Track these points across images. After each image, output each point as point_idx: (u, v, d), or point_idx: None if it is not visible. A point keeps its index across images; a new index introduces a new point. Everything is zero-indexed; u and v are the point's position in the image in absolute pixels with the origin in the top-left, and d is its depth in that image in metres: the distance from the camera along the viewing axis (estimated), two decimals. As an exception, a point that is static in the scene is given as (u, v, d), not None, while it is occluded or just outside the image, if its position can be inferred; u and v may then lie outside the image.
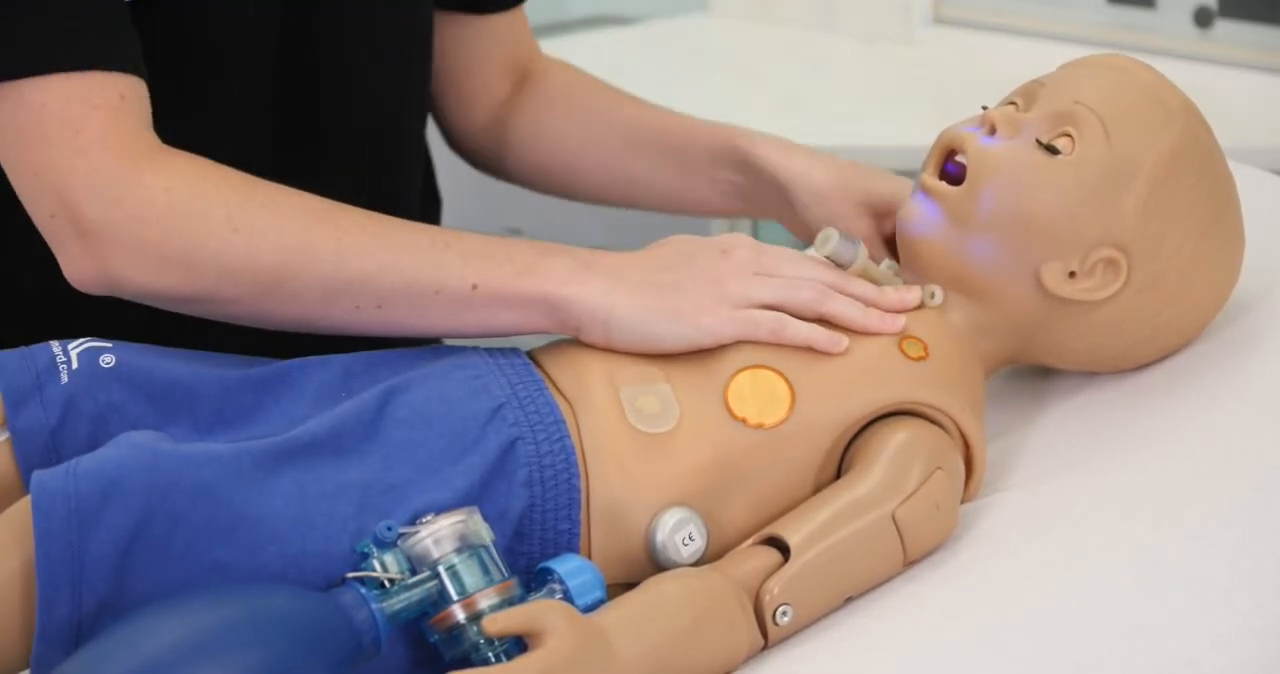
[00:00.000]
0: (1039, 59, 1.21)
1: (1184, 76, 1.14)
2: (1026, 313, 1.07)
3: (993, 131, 1.06)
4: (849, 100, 2.28)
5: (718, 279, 1.03)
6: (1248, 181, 1.16)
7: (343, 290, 1.02)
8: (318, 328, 1.05)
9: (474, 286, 1.02)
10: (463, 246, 1.03)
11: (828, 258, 1.07)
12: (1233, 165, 1.13)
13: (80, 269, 1.04)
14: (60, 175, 1.03)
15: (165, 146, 1.06)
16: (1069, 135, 1.06)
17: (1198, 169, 1.08)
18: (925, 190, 1.07)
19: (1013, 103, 1.10)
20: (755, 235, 2.17)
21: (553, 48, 2.08)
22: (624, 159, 1.33)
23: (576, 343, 1.04)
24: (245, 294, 1.03)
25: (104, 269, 1.03)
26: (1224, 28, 2.25)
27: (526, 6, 1.41)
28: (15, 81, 1.03)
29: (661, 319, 1.01)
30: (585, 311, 1.01)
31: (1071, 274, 1.06)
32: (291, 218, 1.03)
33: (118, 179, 1.02)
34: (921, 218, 1.07)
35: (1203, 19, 2.27)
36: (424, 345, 1.09)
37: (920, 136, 1.11)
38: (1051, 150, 1.05)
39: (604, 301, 1.01)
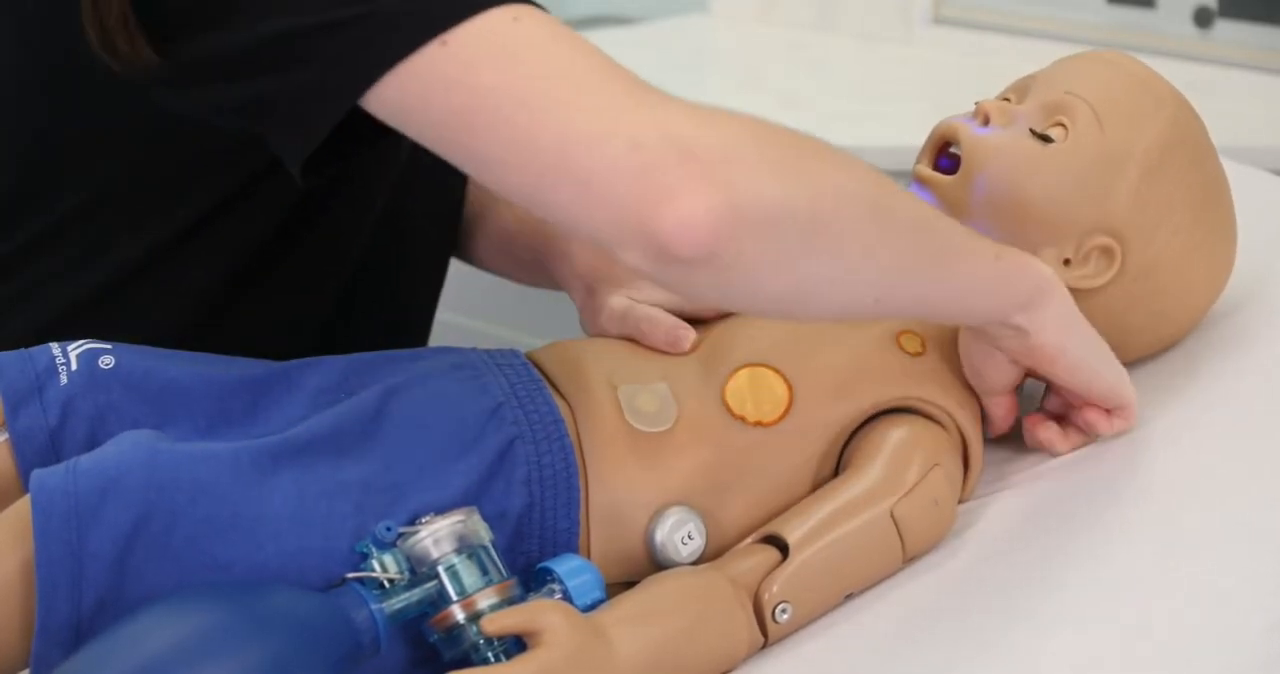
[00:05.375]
0: (1039, 59, 1.21)
1: (1184, 76, 1.14)
2: (1022, 304, 1.08)
3: (986, 122, 1.07)
4: (849, 100, 2.28)
5: None
6: (1248, 181, 1.17)
7: (919, 229, 0.93)
8: (861, 304, 0.93)
9: (997, 256, 0.98)
10: (998, 252, 0.99)
11: None
12: (1233, 165, 1.13)
13: (697, 200, 0.83)
14: (636, 99, 0.86)
15: None
16: (1062, 124, 1.07)
17: (1189, 158, 1.09)
18: (920, 180, 1.08)
19: (1006, 98, 1.11)
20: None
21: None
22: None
23: (575, 343, 1.04)
24: (859, 217, 0.89)
25: (729, 187, 0.83)
26: (1224, 28, 2.25)
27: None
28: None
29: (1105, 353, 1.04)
30: (1058, 311, 1.01)
31: (1066, 261, 1.06)
32: (868, 168, 0.93)
33: (694, 106, 0.87)
34: None
35: (1203, 19, 2.26)
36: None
37: (920, 137, 1.11)
38: (1045, 139, 1.06)
39: (1073, 310, 1.02)
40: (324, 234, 1.15)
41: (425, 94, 0.87)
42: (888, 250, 0.91)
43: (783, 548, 0.96)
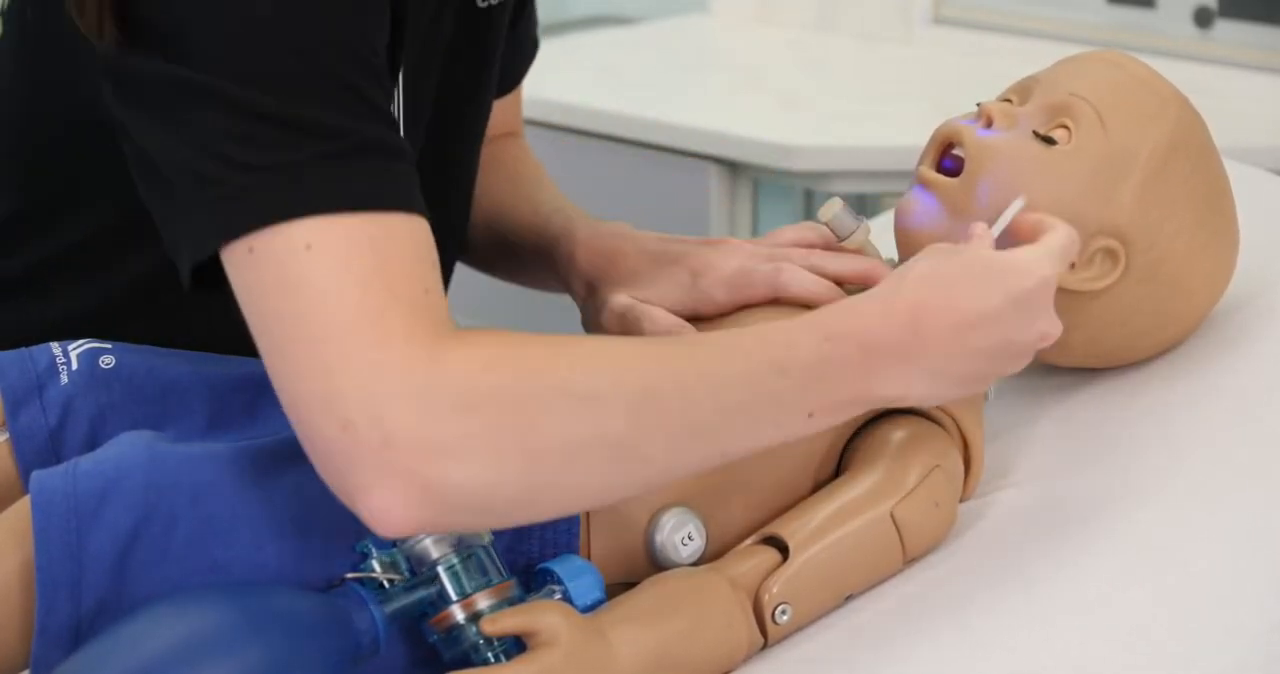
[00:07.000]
0: (1039, 59, 1.21)
1: (1184, 76, 1.14)
2: (1025, 305, 1.07)
3: (989, 124, 1.07)
4: (849, 100, 2.28)
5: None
6: (1248, 182, 1.16)
7: (691, 444, 0.90)
8: (645, 489, 0.92)
9: (810, 415, 0.92)
10: (799, 369, 0.91)
11: (826, 225, 1.08)
12: (1233, 165, 1.13)
13: (395, 495, 0.82)
14: (371, 365, 0.83)
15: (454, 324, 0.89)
16: (1065, 126, 1.06)
17: (1192, 159, 1.08)
18: (923, 182, 1.07)
19: (1007, 99, 1.10)
20: (754, 233, 2.17)
21: (553, 48, 2.08)
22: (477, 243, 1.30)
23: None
24: (594, 465, 0.86)
25: (425, 482, 0.82)
26: (1224, 28, 2.25)
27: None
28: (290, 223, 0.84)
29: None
30: (893, 354, 0.93)
31: (1070, 264, 1.06)
32: (629, 373, 0.88)
33: (428, 365, 0.84)
34: (919, 210, 1.07)
35: (1203, 19, 2.27)
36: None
37: (920, 137, 1.11)
38: (1048, 141, 1.06)
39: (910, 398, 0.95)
40: None
41: (235, 282, 0.87)
42: (652, 464, 0.89)
43: (783, 549, 0.96)
